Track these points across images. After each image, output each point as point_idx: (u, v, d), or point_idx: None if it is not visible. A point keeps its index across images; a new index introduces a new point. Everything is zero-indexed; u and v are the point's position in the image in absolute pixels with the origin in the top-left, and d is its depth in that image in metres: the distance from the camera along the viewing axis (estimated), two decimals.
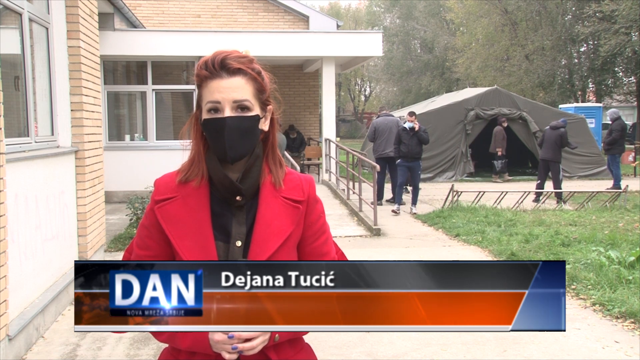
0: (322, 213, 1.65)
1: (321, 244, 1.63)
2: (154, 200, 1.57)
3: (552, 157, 11.75)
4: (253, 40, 12.75)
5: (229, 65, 1.48)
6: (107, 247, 7.57)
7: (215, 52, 1.51)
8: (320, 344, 4.36)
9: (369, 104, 51.51)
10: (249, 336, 1.44)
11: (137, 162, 11.76)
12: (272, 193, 1.56)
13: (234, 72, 1.48)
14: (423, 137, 10.55)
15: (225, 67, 1.48)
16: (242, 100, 1.48)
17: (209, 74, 1.49)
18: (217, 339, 1.44)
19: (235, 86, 1.48)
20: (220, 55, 1.49)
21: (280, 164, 1.61)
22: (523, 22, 27.83)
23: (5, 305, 3.89)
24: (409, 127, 10.51)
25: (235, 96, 1.48)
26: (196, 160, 1.56)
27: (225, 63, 1.48)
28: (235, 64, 1.49)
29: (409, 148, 10.48)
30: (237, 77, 1.49)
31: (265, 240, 1.51)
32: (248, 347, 1.44)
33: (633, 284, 5.63)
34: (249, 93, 1.50)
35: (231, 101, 1.48)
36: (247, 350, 1.44)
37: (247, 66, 1.50)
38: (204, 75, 1.50)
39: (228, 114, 1.47)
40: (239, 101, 1.48)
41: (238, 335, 1.43)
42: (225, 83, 1.47)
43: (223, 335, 1.43)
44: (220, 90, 1.47)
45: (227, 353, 1.44)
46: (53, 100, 5.75)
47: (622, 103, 32.71)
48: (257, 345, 1.45)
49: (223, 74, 1.48)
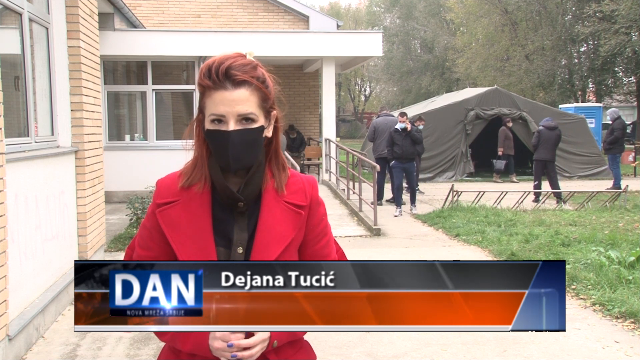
0: (324, 215, 1.65)
1: (322, 247, 1.63)
2: (156, 203, 1.56)
3: (551, 158, 11.77)
4: (253, 40, 12.75)
5: (233, 77, 1.44)
6: (107, 247, 7.57)
7: (219, 59, 1.46)
8: (320, 344, 4.36)
9: (369, 104, 51.50)
10: (248, 345, 1.44)
11: (137, 162, 11.76)
12: (274, 198, 1.55)
13: (239, 83, 1.45)
14: (416, 137, 10.50)
15: (230, 77, 1.44)
16: (247, 114, 1.46)
17: (212, 84, 1.45)
18: (216, 347, 1.45)
19: (240, 99, 1.45)
20: (224, 63, 1.45)
21: (283, 167, 1.60)
22: (523, 22, 27.84)
23: (5, 305, 3.89)
24: (400, 127, 10.47)
25: (240, 110, 1.45)
26: (199, 164, 1.55)
27: (230, 74, 1.44)
28: (240, 74, 1.44)
29: (403, 149, 10.42)
30: (242, 89, 1.45)
31: (266, 246, 1.50)
32: (247, 355, 1.45)
33: (633, 284, 5.63)
34: (253, 105, 1.47)
35: (236, 114, 1.45)
36: (246, 359, 1.45)
37: (251, 75, 1.46)
38: (207, 85, 1.46)
39: (232, 127, 1.45)
40: (243, 114, 1.46)
41: (237, 345, 1.44)
42: (230, 95, 1.44)
43: (222, 343, 1.44)
44: (224, 102, 1.44)
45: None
46: (53, 100, 5.75)
47: (622, 103, 32.70)
48: (256, 353, 1.46)
49: (227, 85, 1.44)
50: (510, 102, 16.28)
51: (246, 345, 1.44)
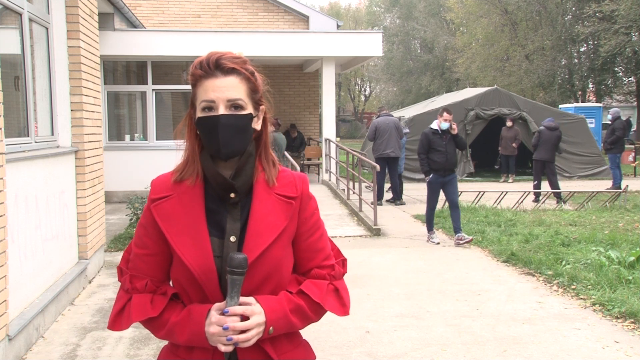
0: (315, 209, 1.67)
1: (316, 240, 1.65)
2: (150, 199, 1.59)
3: (550, 158, 11.77)
4: (253, 40, 12.75)
5: (223, 65, 1.51)
6: (107, 247, 7.57)
7: (210, 53, 1.54)
8: (320, 343, 4.36)
9: (369, 104, 51.52)
10: (244, 327, 1.45)
11: (137, 162, 11.76)
12: (265, 190, 1.58)
13: (228, 71, 1.52)
14: (462, 142, 8.06)
15: (220, 66, 1.52)
16: (235, 99, 1.52)
17: (203, 73, 1.52)
18: (212, 332, 1.45)
19: (230, 85, 1.51)
20: (214, 55, 1.53)
21: (273, 162, 1.63)
22: (523, 22, 27.84)
23: (5, 305, 3.89)
24: (444, 128, 7.81)
25: (229, 95, 1.51)
26: (191, 159, 1.58)
27: (220, 63, 1.51)
28: (230, 63, 1.52)
29: (448, 157, 7.75)
30: (231, 77, 1.52)
31: (259, 234, 1.52)
32: (243, 338, 1.45)
33: (633, 284, 5.63)
34: (242, 92, 1.53)
35: (225, 100, 1.51)
36: (242, 342, 1.45)
37: (241, 66, 1.54)
38: (198, 75, 1.53)
39: (222, 112, 1.50)
40: (232, 100, 1.51)
41: (232, 327, 1.44)
42: (220, 82, 1.51)
43: (218, 327, 1.45)
44: (214, 89, 1.50)
45: (222, 345, 1.45)
46: (53, 100, 5.75)
47: (622, 103, 32.70)
48: (252, 337, 1.46)
49: (218, 73, 1.51)
50: (510, 102, 16.28)
51: (242, 327, 1.44)
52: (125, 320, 1.55)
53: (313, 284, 1.59)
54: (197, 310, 1.49)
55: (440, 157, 7.72)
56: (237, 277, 1.43)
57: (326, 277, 1.62)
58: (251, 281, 1.49)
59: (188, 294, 1.53)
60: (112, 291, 5.81)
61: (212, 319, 1.46)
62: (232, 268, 1.42)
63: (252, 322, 1.45)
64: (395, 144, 11.47)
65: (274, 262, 1.52)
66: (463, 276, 6.38)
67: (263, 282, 1.52)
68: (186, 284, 1.52)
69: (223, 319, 1.44)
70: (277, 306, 1.50)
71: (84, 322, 4.96)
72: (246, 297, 1.47)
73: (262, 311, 1.47)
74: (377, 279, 6.28)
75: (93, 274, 6.31)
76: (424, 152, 7.83)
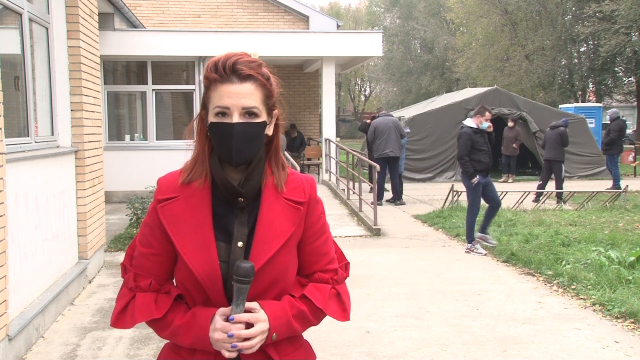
0: (322, 213, 1.67)
1: (321, 244, 1.64)
2: (157, 199, 1.58)
3: (554, 157, 11.78)
4: (253, 40, 12.75)
5: (240, 71, 1.48)
6: (107, 247, 7.57)
7: (227, 55, 1.50)
8: (320, 343, 4.36)
9: (369, 104, 51.50)
10: (248, 335, 1.45)
11: (137, 162, 11.76)
12: (274, 195, 1.57)
13: (245, 78, 1.49)
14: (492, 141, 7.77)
15: (236, 72, 1.48)
16: (251, 107, 1.49)
17: (219, 77, 1.49)
18: (217, 338, 1.45)
19: (245, 92, 1.48)
20: (231, 59, 1.49)
21: (282, 166, 1.62)
22: (523, 22, 27.83)
23: (5, 305, 3.89)
24: (484, 127, 7.49)
25: (245, 103, 1.48)
26: (199, 160, 1.57)
27: (237, 68, 1.48)
28: (246, 69, 1.49)
29: (490, 156, 7.54)
30: (247, 84, 1.49)
31: (266, 241, 1.52)
32: (247, 345, 1.45)
33: (633, 284, 5.63)
34: (257, 100, 1.50)
35: (240, 107, 1.48)
36: (246, 349, 1.46)
37: (257, 72, 1.50)
38: (213, 78, 1.50)
39: (236, 119, 1.48)
40: (247, 108, 1.49)
41: (237, 335, 1.44)
42: (235, 89, 1.48)
43: (223, 334, 1.45)
44: (230, 95, 1.48)
45: (226, 352, 1.46)
46: (53, 100, 5.75)
47: (622, 103, 32.70)
48: (256, 344, 1.47)
49: (234, 79, 1.48)
50: (510, 102, 16.28)
51: (246, 335, 1.45)
52: (129, 320, 1.55)
53: (316, 289, 1.59)
54: (202, 314, 1.49)
55: (485, 157, 7.38)
56: (243, 286, 1.43)
57: (329, 281, 1.62)
58: (257, 287, 1.49)
59: (192, 296, 1.53)
60: (112, 291, 5.81)
61: (216, 325, 1.45)
62: (238, 276, 1.42)
63: (256, 330, 1.46)
64: (395, 144, 11.46)
65: (280, 269, 1.52)
66: (463, 276, 6.38)
67: (269, 288, 1.52)
68: (190, 287, 1.52)
69: (228, 326, 1.44)
70: (281, 313, 1.51)
71: (84, 322, 4.96)
72: (251, 303, 1.48)
73: (267, 318, 1.47)
74: (377, 279, 6.28)
75: (93, 274, 6.31)
76: (467, 153, 7.37)
